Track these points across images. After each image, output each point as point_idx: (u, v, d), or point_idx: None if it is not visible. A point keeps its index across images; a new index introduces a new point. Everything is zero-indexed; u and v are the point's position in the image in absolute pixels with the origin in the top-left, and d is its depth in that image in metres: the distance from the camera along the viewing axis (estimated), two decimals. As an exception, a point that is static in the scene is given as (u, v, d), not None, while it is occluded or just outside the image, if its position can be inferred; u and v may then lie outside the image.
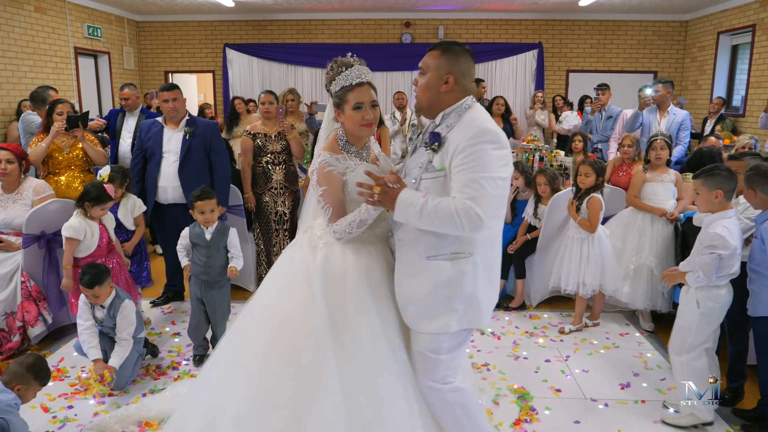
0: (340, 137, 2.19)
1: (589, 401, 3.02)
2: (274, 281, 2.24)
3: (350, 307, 2.02)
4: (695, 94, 9.61)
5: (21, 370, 2.41)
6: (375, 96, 2.18)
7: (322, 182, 2.10)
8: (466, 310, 1.97)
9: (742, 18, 8.30)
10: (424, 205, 1.82)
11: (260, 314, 2.17)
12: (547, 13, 9.89)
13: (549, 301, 4.41)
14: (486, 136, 1.85)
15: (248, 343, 2.12)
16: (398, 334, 2.06)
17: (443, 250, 1.93)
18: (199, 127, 4.06)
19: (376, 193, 1.91)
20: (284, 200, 4.44)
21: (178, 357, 3.51)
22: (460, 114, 1.95)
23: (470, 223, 1.78)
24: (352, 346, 1.98)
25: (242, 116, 7.01)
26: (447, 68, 1.96)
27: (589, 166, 3.87)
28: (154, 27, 10.31)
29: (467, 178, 1.81)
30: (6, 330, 3.46)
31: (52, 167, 4.15)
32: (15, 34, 7.14)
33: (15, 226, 3.61)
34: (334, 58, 2.20)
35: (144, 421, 2.75)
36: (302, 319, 2.02)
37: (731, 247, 2.59)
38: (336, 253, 2.10)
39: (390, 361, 2.00)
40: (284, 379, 1.96)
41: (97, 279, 2.99)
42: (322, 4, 9.21)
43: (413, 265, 1.98)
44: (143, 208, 3.96)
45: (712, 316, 2.71)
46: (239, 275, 4.62)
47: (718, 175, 2.67)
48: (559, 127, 8.13)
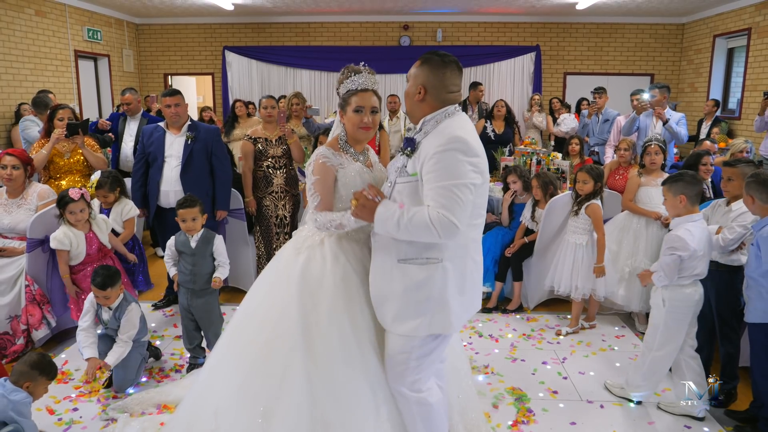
0: (341, 137, 2.31)
1: (585, 402, 3.08)
2: (260, 284, 2.38)
3: (323, 311, 2.11)
4: (691, 97, 9.69)
5: (26, 368, 2.48)
6: (377, 103, 2.27)
7: (316, 172, 2.20)
8: (434, 316, 2.01)
9: (738, 21, 8.38)
10: (401, 217, 1.89)
11: (244, 315, 2.32)
12: (544, 16, 9.96)
13: (546, 303, 4.47)
14: (454, 144, 1.89)
15: (232, 342, 2.28)
16: (371, 339, 2.14)
17: (414, 254, 1.99)
18: (200, 132, 4.11)
19: (353, 206, 2.00)
20: (285, 204, 4.49)
21: (181, 360, 3.56)
22: (438, 122, 2.01)
23: (445, 231, 1.84)
24: (321, 349, 2.08)
25: (242, 119, 7.05)
26: (421, 79, 2.04)
27: (586, 173, 3.92)
28: (153, 30, 10.35)
29: (439, 186, 1.87)
30: (10, 333, 3.51)
31: (53, 172, 4.20)
32: (15, 37, 7.18)
33: (19, 231, 3.66)
34: (347, 65, 2.32)
35: (162, 404, 2.93)
36: (279, 321, 2.14)
37: (690, 249, 2.73)
38: (316, 258, 2.20)
39: (358, 366, 2.09)
40: (258, 377, 2.09)
41: (110, 281, 3.04)
42: (320, 7, 9.26)
43: (385, 267, 2.05)
44: (134, 213, 3.99)
45: (679, 314, 2.85)
46: (241, 278, 4.71)
47: (681, 180, 2.82)
48: (556, 130, 8.19)
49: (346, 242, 2.23)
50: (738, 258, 3.03)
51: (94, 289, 3.05)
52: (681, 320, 2.86)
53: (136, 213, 3.85)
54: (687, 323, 2.87)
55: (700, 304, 2.87)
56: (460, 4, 9.11)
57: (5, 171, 3.61)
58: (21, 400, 2.39)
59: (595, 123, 6.98)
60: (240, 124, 6.96)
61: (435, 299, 2.00)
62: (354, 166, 2.24)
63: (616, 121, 6.13)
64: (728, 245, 2.95)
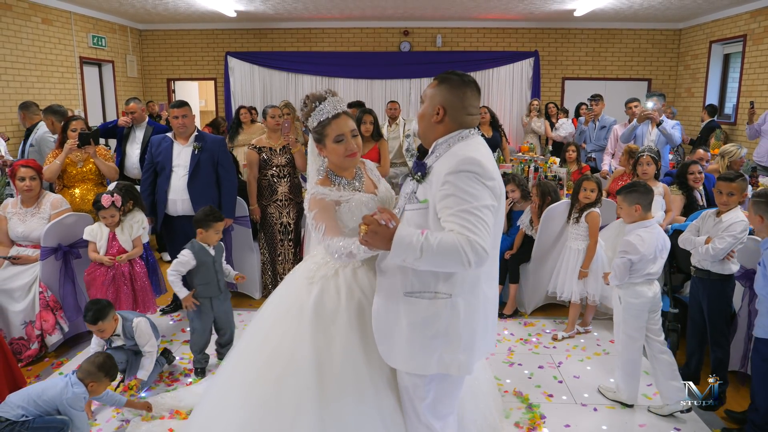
0: (329, 172, 2.19)
1: (579, 406, 3.20)
2: (271, 309, 2.27)
3: (337, 349, 2.01)
4: (688, 102, 9.82)
5: (93, 368, 2.69)
6: (354, 125, 2.16)
7: (313, 206, 2.09)
8: (443, 354, 1.88)
9: (734, 28, 8.51)
10: (425, 243, 1.67)
11: (254, 342, 2.22)
12: (543, 22, 10.09)
13: (543, 308, 4.59)
14: (468, 165, 1.76)
15: (241, 369, 2.17)
16: (386, 375, 2.04)
17: (422, 287, 1.85)
18: (207, 142, 4.23)
19: (362, 232, 1.73)
20: (289, 212, 4.62)
21: (190, 364, 3.67)
22: (451, 144, 1.89)
23: (476, 256, 1.66)
24: (335, 388, 1.97)
25: (246, 125, 7.18)
26: (440, 99, 1.91)
27: (594, 183, 4.05)
28: (156, 35, 10.48)
29: (460, 210, 1.71)
30: (25, 338, 3.63)
31: (67, 181, 4.34)
32: (23, 45, 7.31)
33: (33, 239, 3.78)
34: (306, 94, 2.21)
35: (174, 410, 3.05)
36: (290, 356, 2.03)
37: (640, 253, 2.94)
38: (330, 291, 2.10)
39: (372, 404, 2.00)
40: (267, 414, 1.99)
41: (100, 314, 3.08)
42: (321, 13, 9.38)
43: (390, 300, 1.92)
44: (141, 231, 3.88)
45: (633, 310, 3.04)
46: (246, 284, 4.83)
47: (636, 191, 3.03)
48: (554, 134, 8.32)
49: (361, 273, 2.12)
50: (729, 266, 3.15)
51: (87, 324, 3.11)
52: (637, 316, 3.05)
53: (144, 229, 3.84)
54: (643, 320, 3.05)
55: (655, 302, 3.03)
56: (460, 11, 9.24)
57: (24, 183, 3.74)
58: (80, 393, 2.61)
59: (592, 130, 7.11)
60: (244, 129, 7.10)
61: (443, 337, 1.86)
62: (357, 197, 2.14)
63: (613, 129, 6.26)
64: (718, 254, 3.07)
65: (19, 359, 3.56)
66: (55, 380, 2.67)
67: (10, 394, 2.63)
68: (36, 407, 2.55)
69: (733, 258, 3.16)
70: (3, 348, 2.99)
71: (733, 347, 3.39)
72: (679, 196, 4.38)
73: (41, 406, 2.56)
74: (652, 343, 3.07)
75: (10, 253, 3.78)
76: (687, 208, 4.41)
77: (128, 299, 3.67)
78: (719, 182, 3.20)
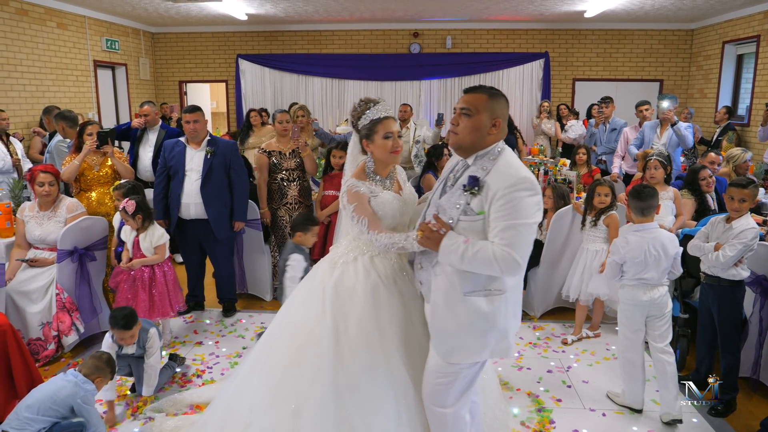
0: (367, 167, 2.42)
1: (588, 411, 3.21)
2: (298, 294, 2.56)
3: (353, 321, 2.28)
4: (701, 103, 9.74)
5: (101, 364, 2.79)
6: (398, 128, 2.43)
7: (352, 200, 2.32)
8: (497, 344, 2.10)
9: (747, 28, 8.43)
10: (465, 251, 1.96)
11: (281, 323, 2.51)
12: (553, 23, 10.06)
13: (552, 312, 4.59)
14: (523, 184, 1.96)
15: (268, 346, 2.47)
16: (397, 348, 2.27)
17: (480, 286, 2.04)
18: (219, 147, 4.29)
19: (419, 236, 2.08)
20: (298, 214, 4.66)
21: (202, 365, 3.73)
22: (494, 158, 2.06)
23: (507, 267, 1.93)
24: (349, 356, 2.23)
25: (256, 128, 7.24)
26: (498, 112, 2.08)
27: (607, 187, 4.05)
28: (168, 38, 10.59)
29: (506, 224, 1.94)
30: (42, 339, 3.70)
31: (83, 185, 4.41)
32: (39, 50, 7.43)
33: (49, 242, 3.85)
34: (361, 98, 2.48)
35: (195, 405, 3.20)
36: (311, 329, 2.31)
37: (620, 255, 3.03)
38: (350, 272, 2.36)
39: (383, 373, 2.23)
40: (290, 378, 2.28)
41: (130, 320, 3.12)
42: (331, 15, 9.43)
43: (450, 300, 2.08)
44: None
45: (628, 311, 3.11)
46: (257, 285, 4.89)
47: (633, 197, 3.10)
48: (564, 136, 8.30)
49: (378, 260, 2.38)
50: (738, 272, 3.14)
51: (120, 332, 3.11)
52: (630, 318, 3.09)
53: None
54: (638, 322, 3.07)
55: (653, 307, 3.03)
56: (470, 12, 9.24)
57: (43, 188, 3.81)
58: (91, 390, 2.70)
59: (602, 132, 7.09)
60: (254, 132, 7.16)
61: (499, 329, 2.08)
62: (384, 195, 2.36)
63: (623, 131, 6.24)
64: (728, 262, 3.06)
65: (37, 359, 3.63)
66: (58, 382, 2.69)
67: (18, 406, 2.63)
68: (51, 412, 2.58)
69: (743, 264, 3.15)
70: (21, 348, 3.06)
71: (744, 354, 3.38)
72: (690, 201, 4.36)
73: (56, 410, 2.60)
74: (652, 348, 3.08)
75: (28, 256, 3.85)
76: (699, 212, 4.39)
77: (144, 303, 3.73)
78: (731, 188, 3.19)
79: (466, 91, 2.15)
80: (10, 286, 3.68)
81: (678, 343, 3.73)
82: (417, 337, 2.32)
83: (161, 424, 3.00)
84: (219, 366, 3.72)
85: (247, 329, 4.30)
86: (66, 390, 2.64)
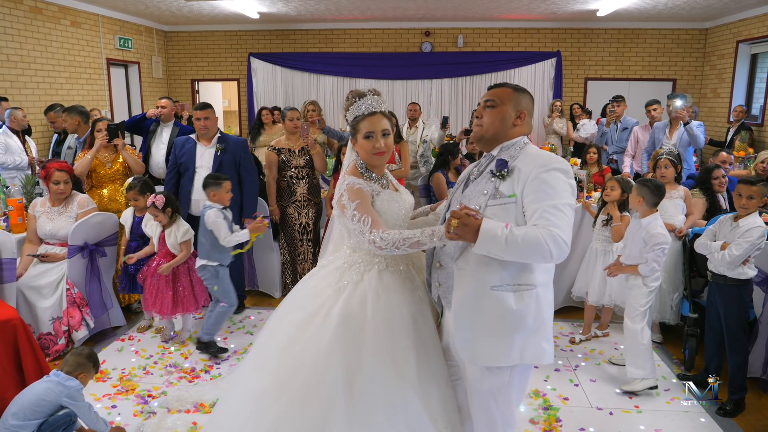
0: (359, 165, 2.24)
1: (594, 410, 3.19)
2: (295, 313, 2.20)
3: (366, 358, 2.01)
4: (714, 102, 9.63)
5: (82, 360, 2.78)
6: (388, 125, 2.21)
7: (354, 197, 2.10)
8: (527, 346, 1.94)
9: (761, 27, 8.32)
10: (509, 234, 1.78)
11: (277, 346, 2.15)
12: (565, 22, 9.99)
13: (561, 311, 4.57)
14: (557, 164, 1.89)
15: (266, 374, 2.10)
16: (414, 385, 2.02)
17: (509, 280, 1.91)
18: (229, 144, 4.32)
19: (454, 226, 1.81)
20: (308, 212, 4.68)
21: (210, 361, 3.76)
22: (521, 148, 1.99)
23: (558, 249, 1.78)
24: (363, 398, 1.97)
25: (267, 126, 7.28)
26: (523, 105, 2.03)
27: (616, 182, 4.03)
28: (181, 37, 10.66)
29: (547, 204, 1.81)
30: (53, 334, 3.75)
31: (95, 181, 4.48)
32: (52, 48, 7.52)
33: (60, 237, 3.90)
34: (351, 90, 2.32)
35: (199, 403, 3.16)
36: (316, 364, 2.00)
37: (668, 237, 3.27)
38: (356, 298, 2.10)
39: (400, 412, 1.99)
40: (293, 424, 1.96)
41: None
42: (343, 14, 9.44)
43: (476, 295, 1.93)
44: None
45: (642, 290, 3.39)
46: (266, 282, 4.91)
47: (646, 186, 3.31)
48: (576, 135, 8.25)
49: (387, 276, 2.16)
50: (745, 272, 3.11)
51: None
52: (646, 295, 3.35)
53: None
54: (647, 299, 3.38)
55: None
56: (481, 11, 9.21)
57: (58, 186, 3.87)
58: (76, 386, 2.68)
59: (613, 131, 7.04)
60: (266, 130, 7.20)
61: (528, 328, 1.92)
62: (384, 193, 2.19)
63: (633, 130, 6.19)
64: (735, 261, 3.03)
65: (47, 354, 3.68)
66: (42, 385, 2.66)
67: (5, 415, 2.60)
68: (37, 414, 2.56)
69: (750, 263, 3.12)
70: (32, 343, 3.10)
71: (754, 354, 3.35)
72: (701, 200, 4.32)
73: (44, 411, 2.58)
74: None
75: (39, 251, 3.91)
76: (710, 211, 4.35)
77: (169, 299, 3.80)
78: (739, 185, 3.17)
79: (491, 87, 2.09)
80: (21, 281, 3.73)
81: (687, 343, 3.71)
82: (430, 366, 2.11)
83: (160, 421, 3.00)
84: (227, 362, 3.75)
85: (256, 326, 4.33)
86: (51, 392, 2.61)
